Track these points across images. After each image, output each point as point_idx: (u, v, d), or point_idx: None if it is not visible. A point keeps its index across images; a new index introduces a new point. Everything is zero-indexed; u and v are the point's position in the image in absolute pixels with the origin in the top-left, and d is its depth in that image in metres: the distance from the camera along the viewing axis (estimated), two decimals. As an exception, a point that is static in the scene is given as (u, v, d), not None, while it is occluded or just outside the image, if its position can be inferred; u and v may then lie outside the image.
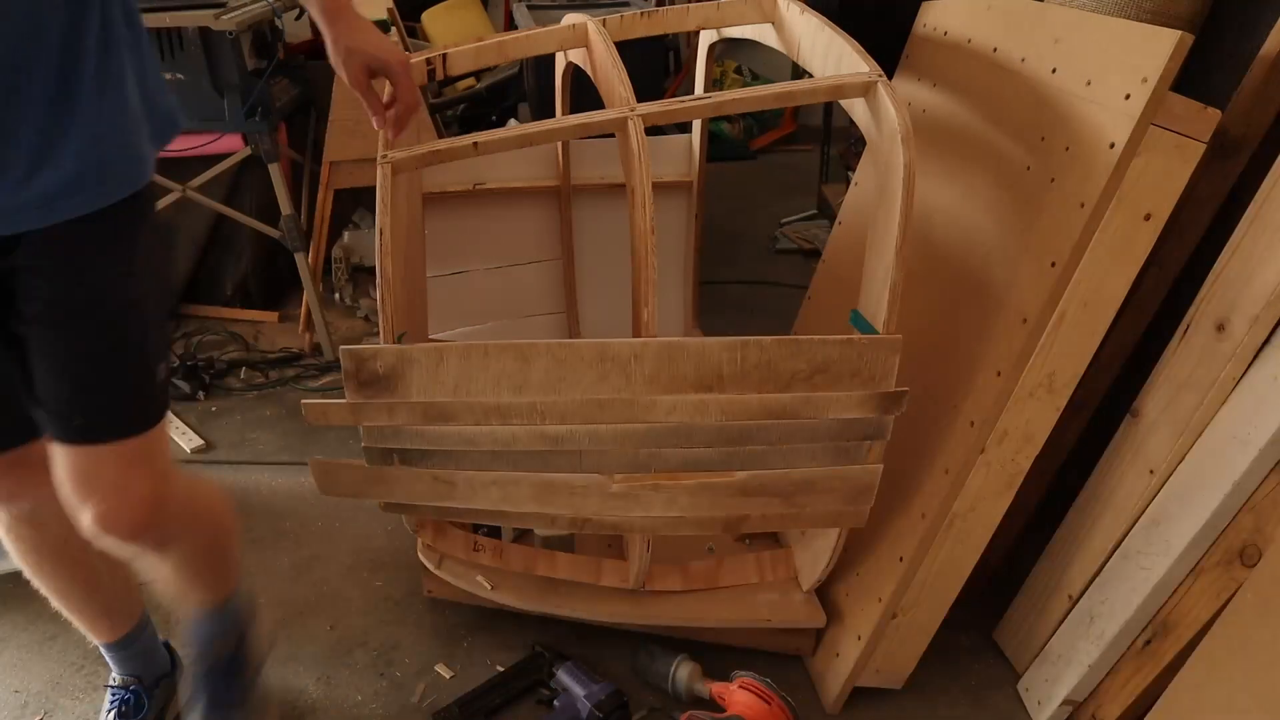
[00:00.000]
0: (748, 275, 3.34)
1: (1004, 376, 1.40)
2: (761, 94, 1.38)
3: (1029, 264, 1.39)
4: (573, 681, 1.62)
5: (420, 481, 1.41)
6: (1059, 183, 1.36)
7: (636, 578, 1.61)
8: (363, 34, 1.22)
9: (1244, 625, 1.29)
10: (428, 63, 1.60)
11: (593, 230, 2.17)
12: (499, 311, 2.20)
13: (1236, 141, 1.42)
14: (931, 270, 1.62)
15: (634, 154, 1.29)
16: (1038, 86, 1.44)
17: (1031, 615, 1.69)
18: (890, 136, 1.26)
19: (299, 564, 2.00)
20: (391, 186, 1.28)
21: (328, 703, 1.67)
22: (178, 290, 2.94)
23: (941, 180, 1.66)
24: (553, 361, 1.26)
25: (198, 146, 2.58)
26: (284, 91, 2.89)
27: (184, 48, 2.50)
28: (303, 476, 2.26)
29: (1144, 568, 1.44)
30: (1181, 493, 1.40)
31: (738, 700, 1.53)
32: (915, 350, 1.39)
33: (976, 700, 1.68)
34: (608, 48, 1.50)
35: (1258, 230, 1.32)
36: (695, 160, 2.14)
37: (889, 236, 1.25)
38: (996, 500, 1.49)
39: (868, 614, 1.58)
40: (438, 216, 2.04)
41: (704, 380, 1.28)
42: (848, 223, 1.98)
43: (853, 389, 1.29)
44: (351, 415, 1.31)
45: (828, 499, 1.42)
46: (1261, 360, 1.32)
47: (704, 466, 1.39)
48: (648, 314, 1.28)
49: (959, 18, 1.72)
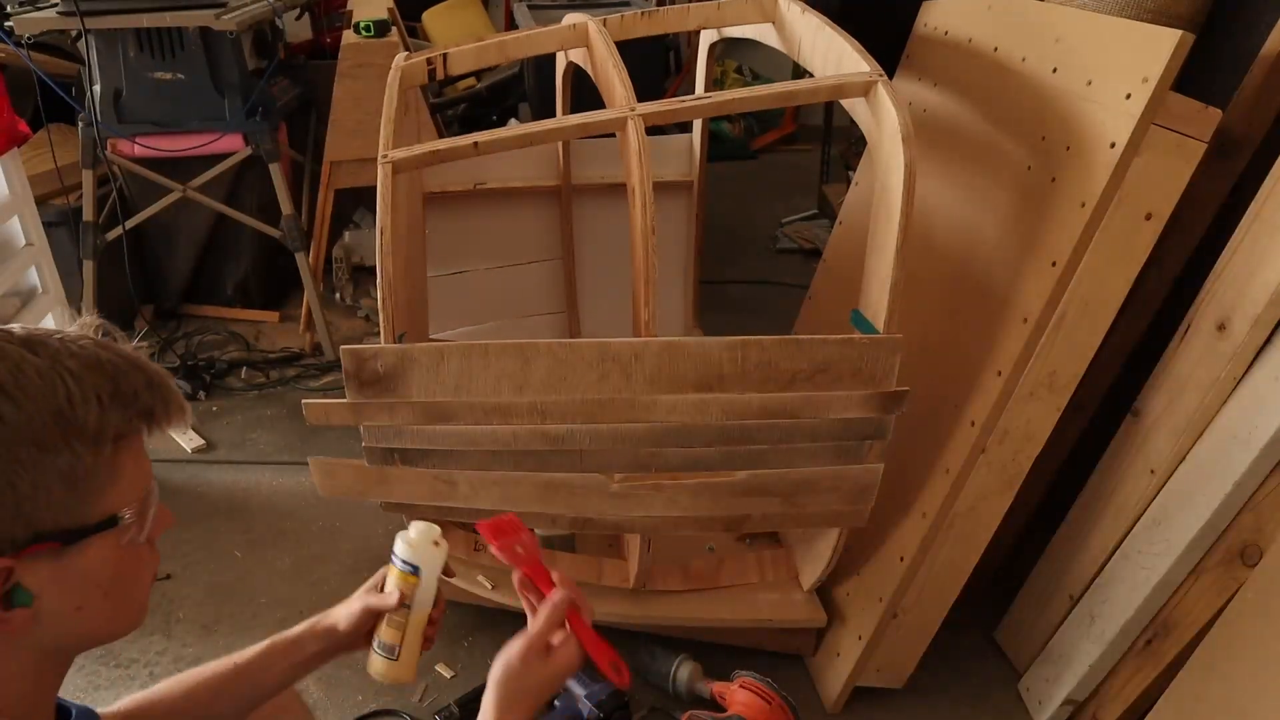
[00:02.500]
0: (748, 275, 3.34)
1: (1005, 376, 1.40)
2: (762, 94, 1.38)
3: (1030, 263, 1.39)
4: (573, 681, 1.61)
5: (421, 481, 1.41)
6: (1060, 182, 1.36)
7: (637, 577, 1.61)
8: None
9: (1244, 625, 1.29)
10: (428, 62, 1.60)
11: (593, 230, 2.17)
12: (499, 311, 2.20)
13: (1237, 141, 1.42)
14: (932, 270, 1.62)
15: (634, 154, 1.29)
16: (1038, 86, 1.44)
17: (1032, 615, 1.69)
18: (891, 136, 1.26)
19: (299, 564, 2.00)
20: (392, 186, 1.28)
21: (328, 702, 1.67)
22: (178, 290, 2.95)
23: (942, 180, 1.66)
24: (553, 361, 1.26)
25: (198, 146, 2.57)
26: (284, 91, 2.89)
27: (184, 48, 2.50)
28: (303, 476, 2.26)
29: (1145, 567, 1.44)
30: (1182, 492, 1.40)
31: (738, 700, 1.53)
32: (916, 350, 1.39)
33: (977, 700, 1.68)
34: (608, 47, 1.50)
35: (1258, 230, 1.32)
36: (696, 160, 2.14)
37: (890, 236, 1.25)
38: (997, 500, 1.49)
39: (868, 614, 1.58)
40: (438, 216, 2.04)
41: (704, 380, 1.28)
42: (848, 222, 1.98)
43: (853, 389, 1.29)
44: (352, 415, 1.31)
45: (828, 499, 1.41)
46: (1262, 360, 1.31)
47: (705, 466, 1.39)
48: (648, 314, 1.28)
49: (959, 17, 1.72)
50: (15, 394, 0.67)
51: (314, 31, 3.56)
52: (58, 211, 2.59)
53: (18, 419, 0.66)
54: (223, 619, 1.85)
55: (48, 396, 0.68)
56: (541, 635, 0.93)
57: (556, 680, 0.93)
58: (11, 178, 2.07)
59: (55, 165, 2.53)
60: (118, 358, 0.72)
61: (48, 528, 0.69)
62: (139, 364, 0.74)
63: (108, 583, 0.74)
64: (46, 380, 0.68)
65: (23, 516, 0.67)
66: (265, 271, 2.99)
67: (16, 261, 2.10)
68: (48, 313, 2.21)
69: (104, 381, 0.70)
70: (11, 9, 2.48)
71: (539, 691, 0.93)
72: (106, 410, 0.70)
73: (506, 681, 0.92)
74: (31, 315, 2.13)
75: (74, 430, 0.68)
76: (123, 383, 0.71)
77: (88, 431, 0.69)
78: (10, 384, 0.67)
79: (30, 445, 0.66)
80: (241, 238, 2.87)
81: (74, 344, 0.71)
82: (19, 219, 2.12)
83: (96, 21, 2.37)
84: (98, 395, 0.69)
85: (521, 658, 0.92)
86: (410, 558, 1.01)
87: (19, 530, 0.67)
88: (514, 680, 0.92)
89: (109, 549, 0.73)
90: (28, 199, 2.13)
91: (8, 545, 0.67)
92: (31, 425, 0.67)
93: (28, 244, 2.15)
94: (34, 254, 2.15)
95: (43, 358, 0.69)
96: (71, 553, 0.70)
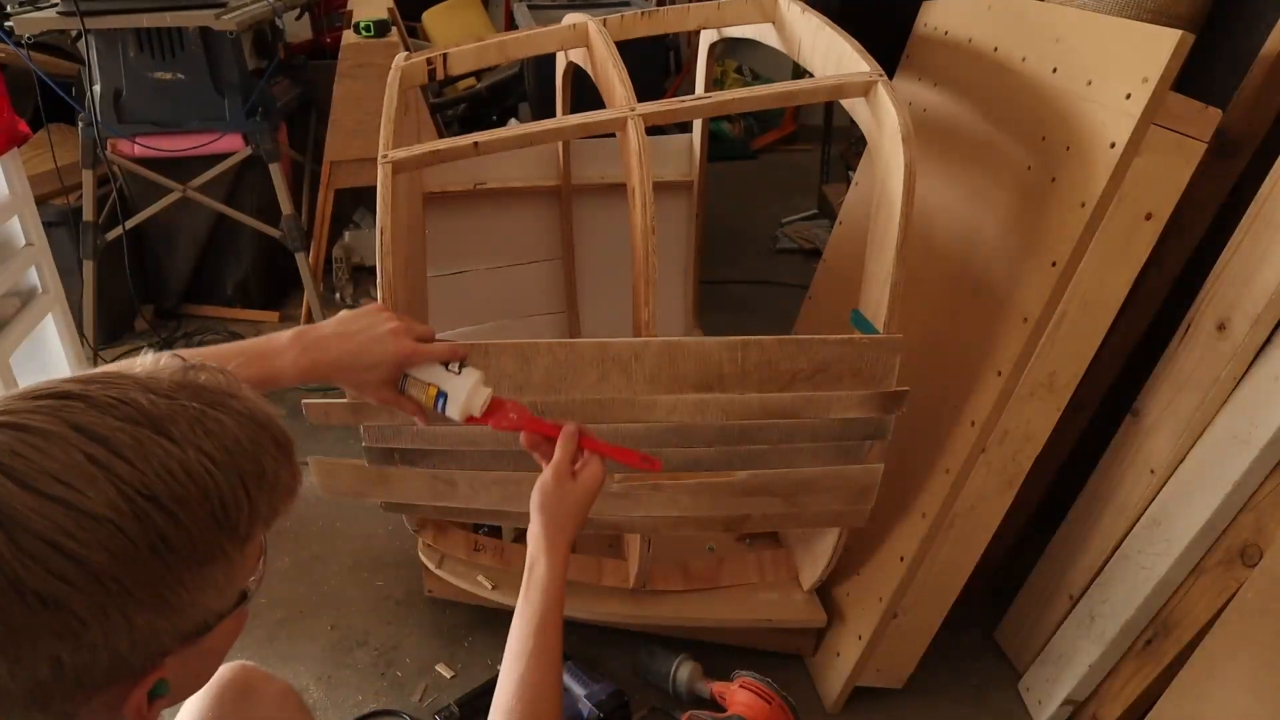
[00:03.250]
0: (748, 275, 3.34)
1: (1005, 376, 1.40)
2: (762, 94, 1.38)
3: (1030, 263, 1.39)
4: (574, 681, 1.62)
5: (421, 481, 1.41)
6: (1060, 182, 1.36)
7: (637, 577, 1.61)
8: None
9: (1245, 625, 1.29)
10: (428, 62, 1.59)
11: (593, 230, 2.17)
12: (500, 311, 2.19)
13: (1237, 141, 1.42)
14: (932, 270, 1.62)
15: (634, 154, 1.29)
16: (1038, 86, 1.44)
17: (1032, 615, 1.69)
18: (891, 136, 1.26)
19: (299, 564, 2.00)
20: (392, 186, 1.28)
21: (328, 702, 1.67)
22: (178, 290, 2.94)
23: (942, 180, 1.66)
24: (553, 361, 1.26)
25: (198, 146, 2.57)
26: (284, 91, 2.89)
27: (184, 48, 2.50)
28: (303, 476, 2.26)
29: (1145, 567, 1.44)
30: (1182, 492, 1.40)
31: (738, 700, 1.53)
32: (916, 350, 1.39)
33: (977, 700, 1.68)
34: (608, 47, 1.50)
35: (1259, 230, 1.32)
36: (696, 160, 2.14)
37: (890, 236, 1.25)
38: (997, 500, 1.49)
39: (868, 614, 1.58)
40: (438, 216, 2.03)
41: (705, 380, 1.28)
42: (849, 222, 1.98)
43: (854, 388, 1.29)
44: (352, 415, 1.31)
45: (829, 499, 1.42)
46: (1262, 360, 1.31)
47: (704, 466, 1.39)
48: (648, 314, 1.28)
49: (959, 17, 1.72)
50: (174, 508, 0.58)
51: (314, 31, 3.56)
52: (58, 211, 2.58)
53: (180, 540, 0.58)
54: (223, 619, 1.85)
55: (201, 501, 0.59)
56: (565, 461, 1.03)
57: (589, 497, 1.03)
58: (11, 178, 2.07)
59: (55, 165, 2.53)
60: (244, 419, 0.64)
61: (195, 630, 0.63)
62: (261, 419, 0.66)
63: (225, 645, 0.70)
64: (197, 480, 0.59)
65: (177, 631, 0.62)
66: (265, 271, 2.99)
67: (16, 261, 2.09)
68: (47, 312, 2.20)
69: (246, 464, 0.63)
70: (11, 9, 2.48)
71: (577, 510, 1.02)
72: (254, 500, 0.63)
73: (547, 504, 1.02)
74: (31, 315, 2.13)
75: (227, 534, 0.61)
76: (263, 459, 0.64)
77: (239, 532, 0.62)
78: (165, 495, 0.57)
79: (193, 564, 0.60)
80: (241, 238, 2.87)
81: (201, 410, 0.62)
82: (19, 219, 2.11)
83: (96, 21, 2.37)
84: (244, 485, 0.62)
85: (555, 480, 1.02)
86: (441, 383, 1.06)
87: (172, 644, 0.62)
88: (554, 502, 1.01)
89: (235, 619, 0.68)
90: (28, 199, 2.13)
91: (160, 658, 0.62)
92: (193, 542, 0.59)
93: (28, 244, 2.15)
94: (34, 254, 2.15)
95: (184, 446, 0.59)
96: (206, 637, 0.65)
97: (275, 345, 1.01)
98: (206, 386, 0.65)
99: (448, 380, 1.07)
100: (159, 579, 0.58)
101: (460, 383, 1.07)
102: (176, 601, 0.60)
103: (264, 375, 0.98)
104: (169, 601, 0.59)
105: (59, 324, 2.25)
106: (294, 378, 1.00)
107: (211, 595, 0.63)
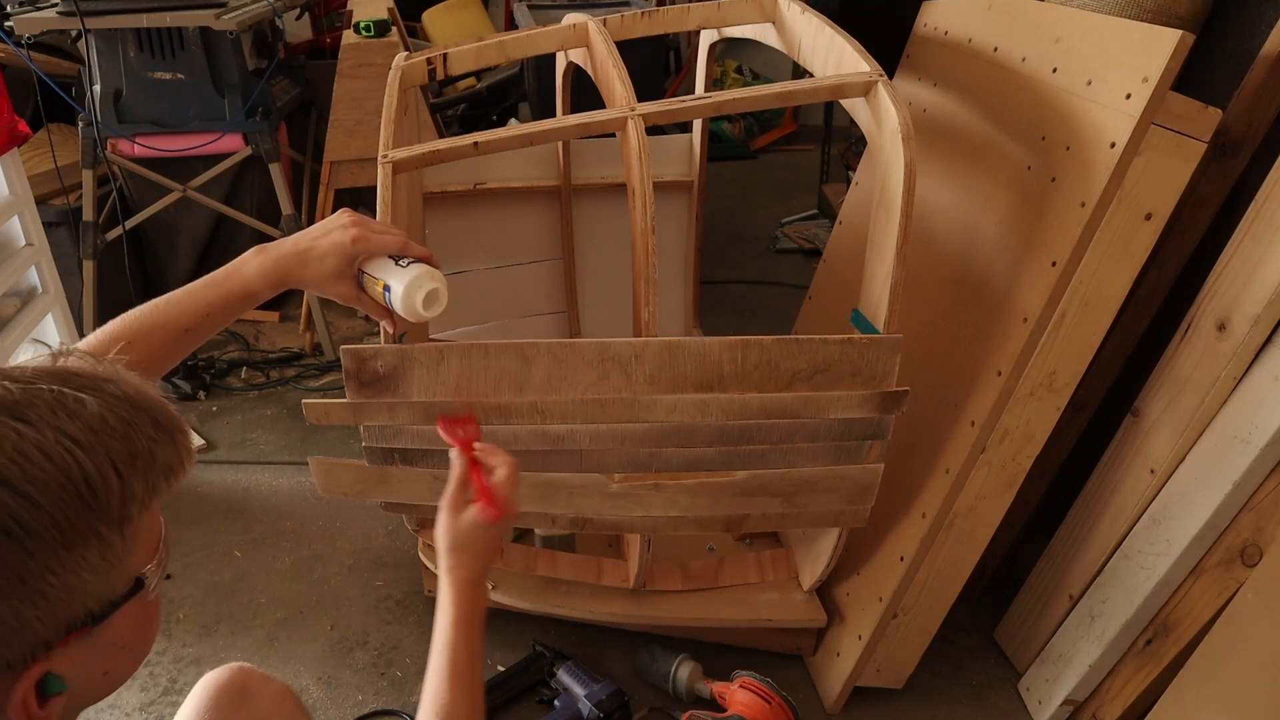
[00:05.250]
0: (748, 275, 3.34)
1: (1005, 376, 1.40)
2: (762, 94, 1.38)
3: (1030, 263, 1.39)
4: (573, 681, 1.62)
5: (421, 481, 1.41)
6: (1060, 182, 1.36)
7: (637, 577, 1.61)
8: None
9: (1245, 625, 1.29)
10: (428, 62, 1.59)
11: (593, 230, 2.17)
12: (500, 311, 2.19)
13: (1237, 141, 1.42)
14: (932, 270, 1.62)
15: (634, 154, 1.29)
16: (1038, 86, 1.44)
17: (1032, 615, 1.69)
18: (891, 136, 1.26)
19: (299, 564, 2.00)
20: (392, 186, 1.28)
21: (328, 702, 1.67)
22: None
23: (942, 180, 1.66)
24: (553, 361, 1.26)
25: (198, 146, 2.57)
26: (284, 91, 2.89)
27: (184, 48, 2.50)
28: (303, 476, 2.26)
29: (1145, 567, 1.44)
30: (1182, 492, 1.40)
31: (738, 700, 1.53)
32: (916, 350, 1.39)
33: (977, 700, 1.68)
34: (608, 47, 1.50)
35: (1259, 229, 1.32)
36: (696, 160, 2.14)
37: (890, 236, 1.25)
38: (997, 500, 1.49)
39: (868, 614, 1.58)
40: (438, 216, 2.04)
41: (704, 380, 1.28)
42: (849, 222, 1.98)
43: (853, 388, 1.29)
44: (352, 415, 1.31)
45: (828, 498, 1.42)
46: (1262, 360, 1.32)
47: (704, 466, 1.39)
48: (648, 313, 1.28)
49: (959, 17, 1.72)
50: (28, 490, 0.57)
51: (314, 31, 3.56)
52: (58, 211, 2.59)
53: (39, 522, 0.57)
54: (223, 619, 1.85)
55: (62, 483, 0.58)
56: (453, 494, 1.06)
57: (476, 525, 1.03)
58: (11, 178, 2.07)
59: (55, 165, 2.53)
60: (114, 400, 0.63)
61: (79, 618, 0.62)
62: (138, 401, 0.65)
63: (133, 640, 0.69)
64: (56, 461, 0.58)
65: (54, 619, 0.60)
66: (265, 271, 2.99)
67: (16, 261, 2.10)
68: (48, 313, 2.21)
69: (116, 443, 0.61)
70: (11, 9, 2.48)
71: (469, 538, 1.03)
72: (126, 480, 0.62)
73: (440, 539, 1.04)
74: (31, 315, 2.13)
75: (97, 515, 0.61)
76: (136, 438, 0.63)
77: (111, 514, 0.61)
78: (18, 477, 0.57)
79: (58, 548, 0.59)
80: (241, 238, 2.87)
81: (60, 392, 0.61)
82: (19, 219, 2.12)
83: (96, 21, 2.37)
84: (114, 465, 0.61)
85: (445, 517, 1.05)
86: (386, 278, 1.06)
87: (51, 633, 0.61)
88: (445, 536, 1.03)
89: (134, 609, 0.67)
90: (28, 199, 2.13)
91: (41, 649, 0.61)
92: (55, 524, 0.58)
93: (28, 244, 2.15)
94: (34, 254, 2.15)
95: (40, 429, 0.59)
96: (100, 628, 0.64)
97: (239, 260, 1.08)
98: (74, 371, 0.64)
99: (394, 274, 1.06)
100: (20, 564, 0.57)
101: (404, 274, 1.05)
102: (44, 587, 0.59)
103: (237, 291, 1.06)
104: (34, 587, 0.58)
105: (59, 324, 2.25)
106: (260, 281, 1.07)
107: (90, 580, 0.62)
